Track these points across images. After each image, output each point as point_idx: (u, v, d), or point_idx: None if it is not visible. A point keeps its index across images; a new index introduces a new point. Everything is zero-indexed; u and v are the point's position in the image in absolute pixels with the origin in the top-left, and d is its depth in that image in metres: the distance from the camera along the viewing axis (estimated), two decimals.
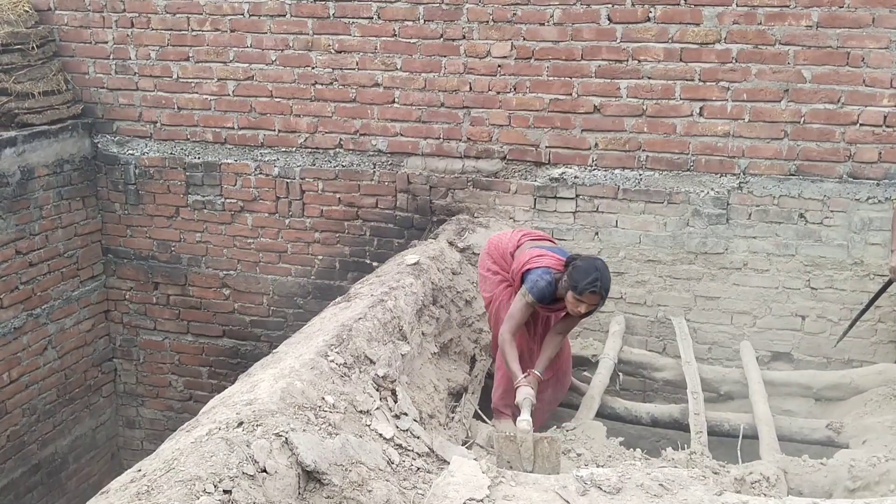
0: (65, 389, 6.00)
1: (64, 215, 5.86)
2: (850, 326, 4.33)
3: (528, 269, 4.08)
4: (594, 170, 5.28)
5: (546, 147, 5.32)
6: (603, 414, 4.56)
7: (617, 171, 5.25)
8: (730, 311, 5.23)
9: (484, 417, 4.32)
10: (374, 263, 5.68)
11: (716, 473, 3.60)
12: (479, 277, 4.63)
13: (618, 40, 5.04)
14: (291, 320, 6.06)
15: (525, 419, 3.76)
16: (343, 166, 5.72)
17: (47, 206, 5.69)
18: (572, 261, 4.01)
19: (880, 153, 4.78)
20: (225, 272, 6.16)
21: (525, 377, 3.97)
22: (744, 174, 5.04)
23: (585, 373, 5.08)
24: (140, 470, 2.61)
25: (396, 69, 5.45)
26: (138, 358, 6.48)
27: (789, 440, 4.29)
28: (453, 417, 4.21)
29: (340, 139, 5.67)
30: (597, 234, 5.37)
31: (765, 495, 3.48)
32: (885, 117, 4.72)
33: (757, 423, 4.23)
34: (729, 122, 4.99)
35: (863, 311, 4.19)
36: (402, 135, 5.57)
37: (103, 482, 6.27)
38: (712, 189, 5.11)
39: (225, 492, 2.44)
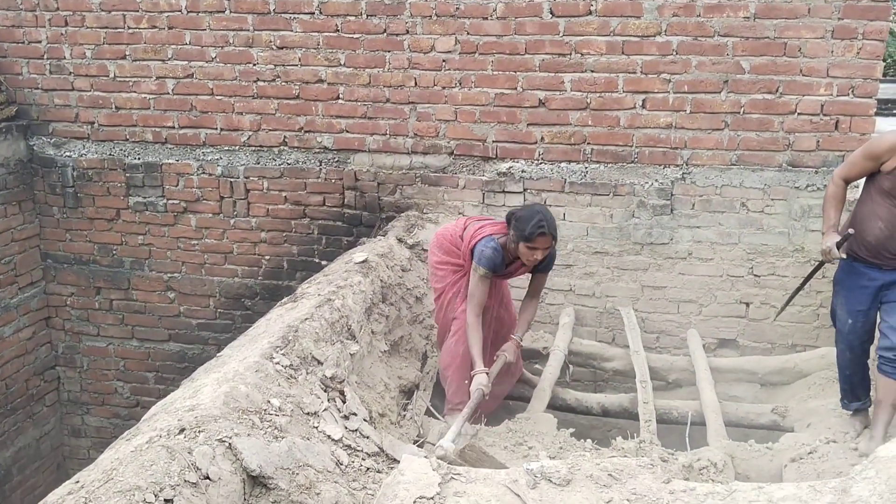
0: (6, 400, 5.81)
1: (0, 220, 5.65)
2: (786, 304, 4.42)
3: (475, 244, 4.08)
4: (541, 163, 5.29)
5: (493, 142, 5.32)
6: (554, 405, 4.58)
7: (563, 164, 5.27)
8: (676, 300, 5.30)
9: (436, 414, 4.30)
10: (323, 262, 5.61)
11: (664, 461, 3.64)
12: (429, 272, 4.61)
13: (560, 34, 5.05)
14: (239, 322, 5.96)
15: (442, 446, 3.48)
16: (288, 164, 5.64)
17: None
18: (511, 216, 4.03)
19: (818, 142, 4.89)
20: (169, 275, 6.02)
21: (482, 370, 3.94)
22: (686, 165, 5.10)
23: (536, 365, 5.10)
24: (78, 482, 2.53)
25: (340, 65, 5.39)
26: (82, 365, 6.31)
27: (736, 426, 4.36)
28: (405, 415, 4.18)
29: (285, 137, 5.59)
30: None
31: (712, 481, 3.53)
32: (822, 106, 4.82)
33: (704, 410, 4.30)
34: (671, 114, 5.05)
35: (797, 290, 4.28)
36: (347, 131, 5.51)
37: (49, 493, 6.11)
38: (656, 180, 5.17)
39: (166, 500, 2.38)
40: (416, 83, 5.34)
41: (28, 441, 6.09)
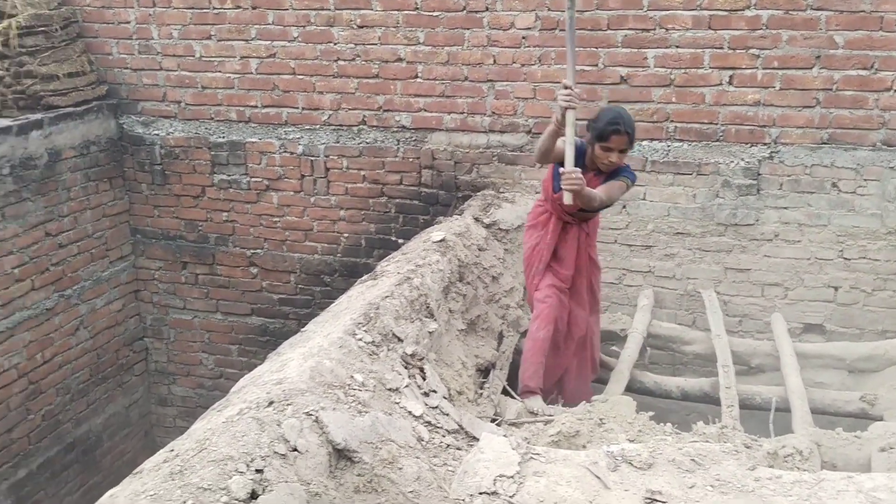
0: (97, 369, 6.09)
1: (92, 196, 5.90)
2: None
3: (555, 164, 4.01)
4: None
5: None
6: (632, 388, 4.53)
7: (644, 142, 5.17)
8: (761, 282, 5.16)
9: (513, 393, 4.31)
10: (400, 241, 5.67)
11: (748, 448, 3.55)
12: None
13: (645, 9, 4.93)
14: (319, 298, 6.08)
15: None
16: (367, 143, 5.70)
17: (75, 187, 5.74)
18: (588, 121, 3.92)
19: None
20: (252, 251, 6.19)
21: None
22: (775, 143, 4.94)
23: (614, 347, 5.04)
24: (173, 450, 2.63)
25: (419, 43, 5.39)
26: (169, 337, 6.55)
27: (822, 413, 4.24)
28: (482, 394, 4.20)
29: (364, 116, 5.64)
30: (624, 207, 5.30)
31: (798, 469, 3.44)
32: None
33: (789, 396, 4.18)
34: (759, 91, 4.88)
35: None
36: (425, 110, 5.52)
37: (137, 459, 6.40)
38: (742, 159, 5.02)
39: (257, 471, 2.46)
40: (494, 61, 5.31)
41: (118, 409, 6.37)
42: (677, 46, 4.94)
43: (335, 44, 5.54)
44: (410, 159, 5.65)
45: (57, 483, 5.73)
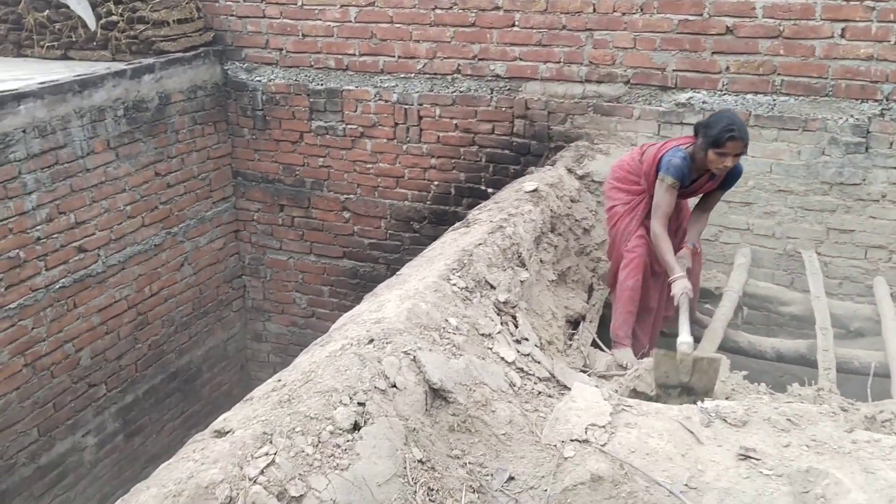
0: (199, 303, 6.41)
1: (198, 139, 6.14)
2: None
3: (660, 158, 4.03)
4: (724, 94, 5.04)
5: (673, 70, 5.11)
6: (725, 347, 4.47)
7: (749, 96, 5.00)
8: (864, 244, 4.97)
9: (602, 346, 4.33)
10: (490, 190, 5.70)
11: (844, 411, 3.48)
12: (605, 204, 4.56)
13: None
14: (408, 244, 6.20)
15: (686, 341, 3.69)
16: (460, 92, 5.71)
17: (182, 130, 5.98)
18: (699, 124, 3.97)
19: None
20: (345, 196, 6.33)
21: (680, 274, 3.94)
22: (887, 100, 4.70)
23: (708, 306, 4.97)
24: (280, 380, 2.79)
25: None
26: (265, 276, 6.82)
27: None
28: (571, 345, 4.24)
29: (458, 64, 5.64)
30: None
31: None
32: None
33: (889, 361, 4.06)
34: (873, 45, 4.64)
35: None
36: (520, 59, 5.48)
37: (234, 391, 6.76)
38: (852, 116, 4.81)
39: (359, 404, 2.58)
40: (594, 9, 5.20)
41: (216, 342, 6.71)
42: None
43: None
44: (503, 109, 5.63)
45: (160, 409, 6.12)
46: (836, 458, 2.76)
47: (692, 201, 4.41)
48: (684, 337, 3.71)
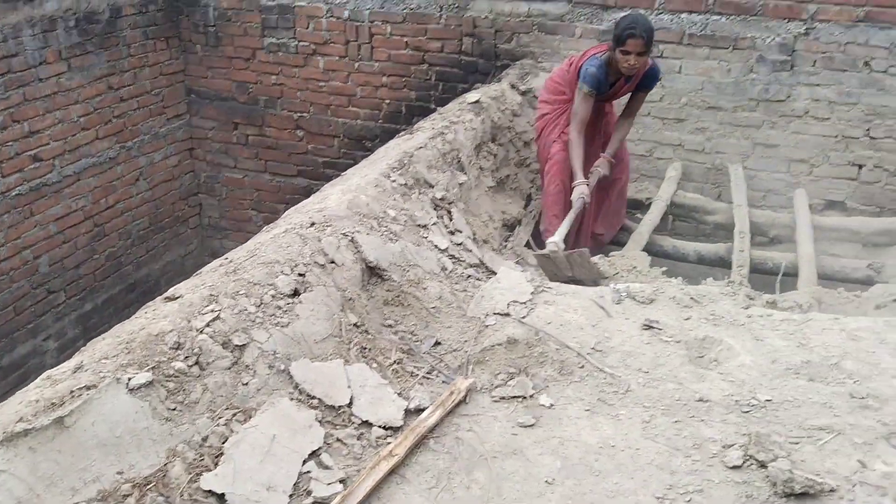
0: (156, 218, 6.56)
1: (150, 54, 6.21)
2: None
3: (580, 67, 4.29)
4: (661, 13, 5.26)
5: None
6: (651, 252, 4.76)
7: (684, 14, 5.23)
8: (787, 158, 5.29)
9: (534, 247, 4.62)
10: (439, 108, 5.87)
11: (750, 299, 3.84)
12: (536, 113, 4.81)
13: None
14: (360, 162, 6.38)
15: (552, 241, 4.10)
16: (410, 9, 5.84)
17: (134, 44, 6.03)
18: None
19: None
20: (299, 114, 6.47)
21: (582, 181, 4.27)
22: (811, 20, 4.96)
23: (638, 215, 5.28)
24: (227, 257, 3.03)
25: None
26: (221, 194, 6.97)
27: (830, 279, 4.46)
28: (506, 245, 4.53)
29: None
30: (659, 80, 5.39)
31: None
32: None
33: (799, 261, 4.41)
34: None
35: None
36: None
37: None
38: (779, 35, 5.07)
39: (300, 274, 2.84)
40: None
41: (174, 257, 6.88)
42: None
43: None
44: (452, 27, 5.79)
45: (119, 318, 6.15)
46: (730, 328, 3.09)
47: (618, 108, 4.64)
48: (554, 237, 4.08)
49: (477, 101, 4.83)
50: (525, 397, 2.64)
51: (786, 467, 2.18)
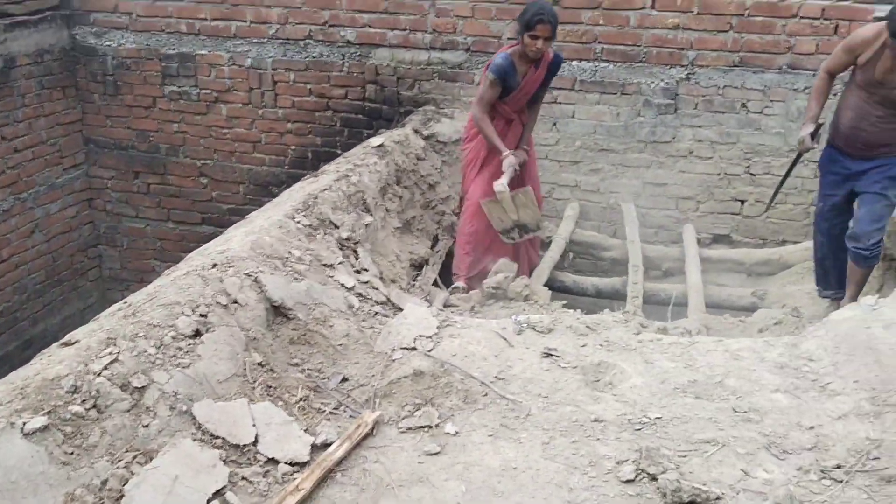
0: (53, 271, 6.34)
1: (46, 104, 6.08)
2: (773, 197, 4.65)
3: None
4: None
5: (508, 38, 5.55)
6: (553, 287, 4.96)
7: (574, 62, 5.52)
8: (676, 196, 5.62)
9: (442, 285, 4.73)
10: (344, 154, 5.97)
11: (642, 326, 4.04)
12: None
13: None
14: None
15: (500, 183, 4.37)
16: (313, 57, 5.95)
17: (29, 94, 5.90)
18: (518, 18, 4.42)
19: (817, 45, 5.09)
20: (202, 161, 6.43)
21: (508, 152, 4.48)
22: (691, 66, 5.34)
23: (540, 253, 5.46)
24: (126, 301, 2.99)
25: None
26: (122, 244, 6.81)
27: (718, 307, 4.73)
28: (414, 284, 4.61)
29: (310, 30, 5.88)
30: (555, 124, 5.67)
31: None
32: (822, 10, 5.01)
33: (688, 291, 4.67)
34: (679, 15, 5.26)
35: (782, 182, 4.49)
36: (370, 26, 5.78)
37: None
38: (662, 80, 5.42)
39: (202, 315, 2.83)
40: None
41: (73, 311, 6.64)
42: None
43: None
44: (355, 74, 5.92)
45: None
46: (623, 353, 3.24)
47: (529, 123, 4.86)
48: (500, 182, 4.40)
49: (381, 146, 4.94)
50: (431, 426, 2.70)
51: (674, 478, 2.31)
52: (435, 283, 4.73)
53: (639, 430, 2.63)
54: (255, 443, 2.50)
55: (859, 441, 2.58)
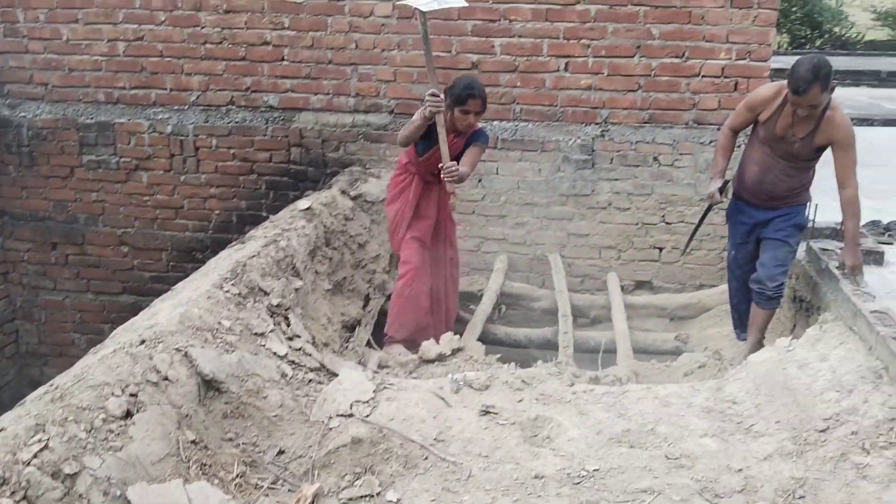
0: None
1: None
2: (687, 245, 4.83)
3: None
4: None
5: None
6: (486, 340, 5.02)
7: (496, 122, 5.70)
8: (598, 246, 5.80)
9: (375, 346, 4.73)
10: (271, 216, 5.95)
11: (576, 377, 4.13)
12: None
13: (490, 1, 5.45)
14: (191, 274, 6.27)
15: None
16: (236, 122, 5.96)
17: None
18: (446, 92, 4.37)
19: (720, 101, 5.40)
20: (123, 230, 6.31)
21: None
22: (605, 123, 5.58)
23: (472, 307, 5.54)
24: (52, 384, 2.90)
25: (284, 28, 5.71)
26: (40, 318, 6.56)
27: (644, 352, 4.88)
28: (347, 346, 4.60)
29: (232, 96, 5.90)
30: (480, 181, 5.81)
31: None
32: (722, 69, 5.34)
33: (616, 338, 4.81)
34: (591, 77, 5.51)
35: (693, 232, 4.68)
36: (292, 91, 5.85)
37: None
38: (579, 137, 5.64)
39: (132, 395, 2.76)
40: (356, 46, 5.70)
41: None
42: (520, 36, 5.50)
43: (202, 27, 5.77)
44: (279, 138, 5.96)
45: None
46: (558, 406, 3.32)
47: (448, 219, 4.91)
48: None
49: (309, 208, 4.96)
50: (372, 496, 2.70)
51: None
52: (368, 344, 4.73)
53: (578, 483, 2.69)
54: None
55: (785, 481, 2.70)
